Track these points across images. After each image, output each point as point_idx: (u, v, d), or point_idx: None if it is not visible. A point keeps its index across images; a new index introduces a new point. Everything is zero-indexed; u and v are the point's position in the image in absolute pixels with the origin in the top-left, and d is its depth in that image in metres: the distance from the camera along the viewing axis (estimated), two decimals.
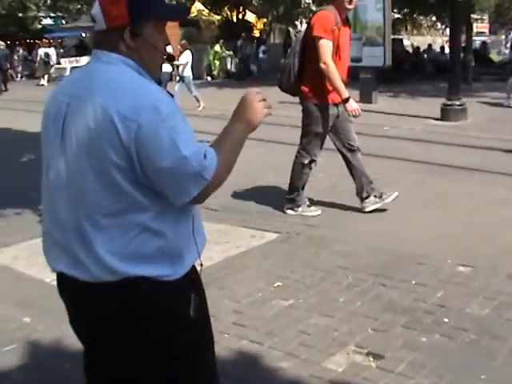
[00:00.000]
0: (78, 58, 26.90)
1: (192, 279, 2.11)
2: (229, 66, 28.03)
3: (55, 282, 2.16)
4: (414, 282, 4.52)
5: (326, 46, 5.74)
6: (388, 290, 4.43)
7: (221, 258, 5.25)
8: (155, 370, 2.03)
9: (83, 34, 28.11)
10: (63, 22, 30.20)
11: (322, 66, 5.73)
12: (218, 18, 30.45)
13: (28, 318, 4.16)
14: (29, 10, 27.76)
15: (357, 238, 5.54)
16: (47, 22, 30.73)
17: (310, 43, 5.92)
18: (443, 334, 3.76)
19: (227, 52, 27.79)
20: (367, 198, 6.15)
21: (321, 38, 5.75)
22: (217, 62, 27.53)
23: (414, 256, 5.03)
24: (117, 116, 1.85)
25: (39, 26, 29.73)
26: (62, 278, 2.08)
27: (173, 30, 21.77)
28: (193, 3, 27.55)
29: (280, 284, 4.63)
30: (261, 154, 9.13)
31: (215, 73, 27.43)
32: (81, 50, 28.17)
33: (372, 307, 4.17)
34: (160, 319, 2.01)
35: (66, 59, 27.16)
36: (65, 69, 26.18)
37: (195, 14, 28.10)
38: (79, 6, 28.63)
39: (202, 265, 2.18)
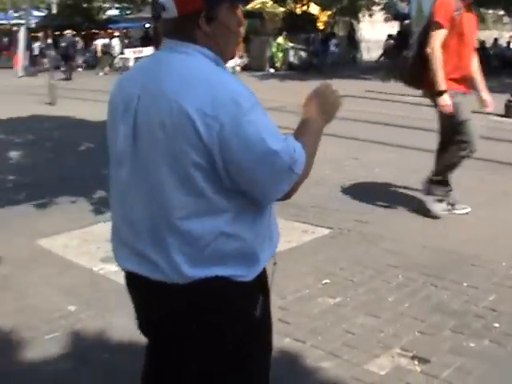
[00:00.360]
0: (141, 49, 27.24)
1: (262, 280, 2.05)
2: (291, 59, 27.92)
3: (103, 272, 2.15)
4: (465, 284, 4.39)
5: (438, 33, 5.48)
6: (438, 291, 4.31)
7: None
8: (224, 365, 1.99)
9: (147, 25, 28.35)
10: (128, 12, 30.63)
11: (428, 50, 5.49)
12: (282, 10, 30.32)
13: (73, 306, 4.20)
14: (94, 0, 28.24)
15: (410, 236, 5.42)
16: (112, 12, 31.24)
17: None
18: (493, 340, 3.63)
19: (290, 44, 27.68)
20: (440, 201, 5.94)
21: (438, 23, 5.51)
22: (280, 54, 27.45)
23: (468, 257, 4.88)
24: (195, 113, 1.73)
25: (104, 17, 30.18)
26: (131, 275, 2.03)
27: None
28: None
29: (328, 281, 4.56)
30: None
31: (278, 65, 27.36)
32: (145, 40, 28.56)
33: (421, 308, 4.06)
34: (231, 316, 1.95)
35: (131, 49, 27.48)
36: (128, 59, 26.54)
37: (259, 5, 28.09)
38: None
39: (275, 263, 2.14)
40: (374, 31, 31.20)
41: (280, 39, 27.48)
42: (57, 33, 29.10)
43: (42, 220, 6.11)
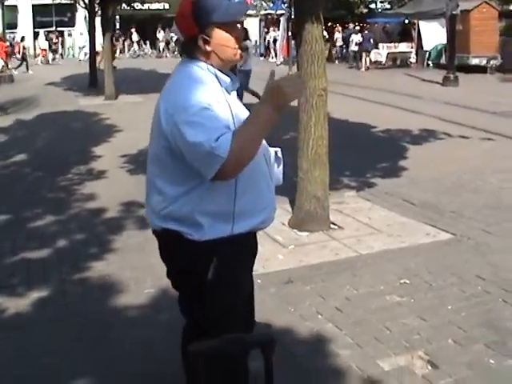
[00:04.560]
0: (397, 44, 27.25)
1: (230, 246, 2.52)
2: None
3: None
4: None
5: None
6: (505, 307, 4.23)
7: (379, 249, 5.46)
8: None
9: (406, 21, 28.10)
10: (387, 7, 30.66)
11: None
12: None
13: None
14: None
15: None
16: (372, 5, 31.51)
17: None
18: None
19: None
20: None
21: None
22: None
23: None
24: (163, 111, 2.42)
25: (364, 11, 30.51)
26: None
27: None
28: None
29: (407, 281, 4.70)
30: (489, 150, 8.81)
31: None
32: (403, 36, 28.40)
33: (473, 320, 4.05)
34: (183, 260, 2.57)
35: (385, 44, 27.59)
36: (380, 54, 26.73)
37: None
38: None
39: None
40: None
41: None
42: None
43: None
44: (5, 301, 4.52)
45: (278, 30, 32.00)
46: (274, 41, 33.02)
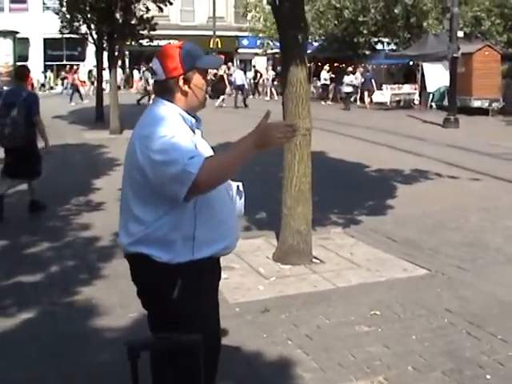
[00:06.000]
0: (400, 86, 27.66)
1: (195, 269, 2.78)
2: None
3: None
4: (499, 337, 4.46)
5: None
6: (468, 338, 4.45)
7: (356, 282, 5.71)
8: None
9: (411, 63, 28.57)
10: (393, 48, 31.13)
11: None
12: None
13: None
14: (361, 35, 29.20)
15: (498, 288, 5.46)
16: (379, 47, 32.08)
17: None
18: None
19: None
20: None
21: None
22: None
23: None
24: (137, 145, 2.72)
25: (367, 52, 31.03)
26: None
27: None
28: None
29: (378, 312, 4.94)
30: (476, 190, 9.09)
31: None
32: (408, 77, 28.84)
33: (434, 350, 4.28)
34: (151, 283, 2.85)
35: (388, 86, 28.05)
36: (384, 95, 27.11)
37: None
38: (409, 35, 29.27)
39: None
40: None
41: None
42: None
43: None
44: None
45: None
46: (273, 80, 33.82)
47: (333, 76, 30.98)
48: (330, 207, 8.35)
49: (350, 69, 28.11)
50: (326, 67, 31.34)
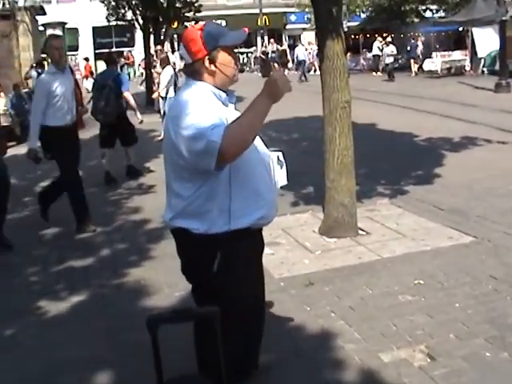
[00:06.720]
0: (450, 53, 27.01)
1: (234, 243, 2.92)
2: None
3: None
4: None
5: None
6: None
7: (401, 252, 5.71)
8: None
9: (460, 28, 27.87)
10: (441, 15, 30.38)
11: None
12: None
13: None
14: (408, 2, 28.61)
15: None
16: (428, 14, 31.35)
17: None
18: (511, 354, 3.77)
19: None
20: None
21: None
22: None
23: None
24: (171, 126, 2.89)
25: (415, 20, 30.38)
26: None
27: None
28: None
29: (422, 282, 4.93)
30: None
31: None
32: (458, 44, 28.15)
33: (478, 317, 4.26)
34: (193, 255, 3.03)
35: (438, 53, 27.41)
36: (434, 63, 26.55)
37: None
38: (457, 1, 28.52)
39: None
40: None
41: None
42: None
43: None
44: (47, 304, 5.00)
45: None
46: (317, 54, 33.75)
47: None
48: (377, 179, 8.33)
49: (389, 39, 27.70)
50: (379, 38, 30.84)
